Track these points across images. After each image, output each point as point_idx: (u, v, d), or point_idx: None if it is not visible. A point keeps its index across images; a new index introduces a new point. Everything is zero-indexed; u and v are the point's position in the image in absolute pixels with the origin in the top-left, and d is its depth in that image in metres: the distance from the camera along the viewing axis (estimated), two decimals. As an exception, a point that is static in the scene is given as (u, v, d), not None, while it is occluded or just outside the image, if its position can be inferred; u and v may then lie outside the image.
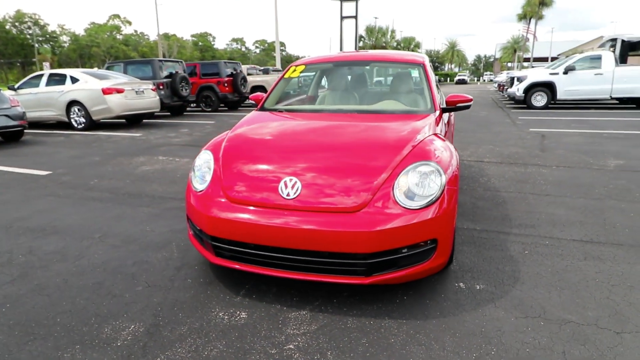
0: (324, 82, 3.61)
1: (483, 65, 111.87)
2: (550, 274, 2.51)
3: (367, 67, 3.60)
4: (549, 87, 12.74)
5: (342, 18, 36.48)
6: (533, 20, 40.96)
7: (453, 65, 78.61)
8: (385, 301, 2.24)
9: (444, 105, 3.20)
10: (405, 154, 2.28)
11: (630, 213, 3.52)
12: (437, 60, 64.11)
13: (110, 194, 4.38)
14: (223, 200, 2.29)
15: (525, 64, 61.34)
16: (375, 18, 62.46)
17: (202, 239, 2.42)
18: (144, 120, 11.50)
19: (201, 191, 2.42)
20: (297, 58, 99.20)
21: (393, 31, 39.16)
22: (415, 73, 3.28)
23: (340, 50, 37.60)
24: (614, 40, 14.21)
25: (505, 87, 17.30)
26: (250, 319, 2.11)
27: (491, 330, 1.99)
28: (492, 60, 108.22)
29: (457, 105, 3.06)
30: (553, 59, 55.63)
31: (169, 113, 13.66)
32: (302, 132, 2.78)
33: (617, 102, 14.01)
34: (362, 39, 38.69)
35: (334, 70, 3.53)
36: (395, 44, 39.98)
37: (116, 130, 9.72)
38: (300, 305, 2.22)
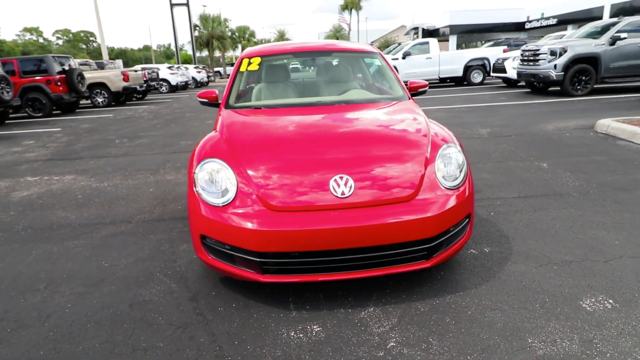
0: (278, 73, 3.42)
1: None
2: (525, 227, 2.98)
3: (329, 57, 3.56)
4: (392, 71, 14.40)
5: (172, 5, 34.24)
6: (354, 11, 45.13)
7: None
8: (424, 283, 2.36)
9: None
10: (430, 140, 2.40)
11: (531, 170, 4.36)
12: (268, 49, 65.61)
13: (1, 232, 3.40)
14: (261, 209, 2.06)
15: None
16: (204, 6, 60.17)
17: (234, 259, 2.14)
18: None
19: (224, 204, 2.13)
20: (114, 50, 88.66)
21: (226, 20, 38.43)
22: (377, 62, 3.40)
23: (175, 39, 35.24)
24: (416, 28, 16.91)
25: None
26: (328, 330, 1.99)
27: (530, 282, 2.30)
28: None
29: (418, 90, 3.30)
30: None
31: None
32: (311, 126, 2.61)
33: (438, 80, 16.64)
34: (197, 28, 36.86)
35: (294, 60, 3.39)
36: (230, 34, 39.31)
37: None
38: (361, 304, 2.18)
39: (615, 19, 10.21)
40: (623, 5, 23.29)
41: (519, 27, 35.59)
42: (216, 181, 2.21)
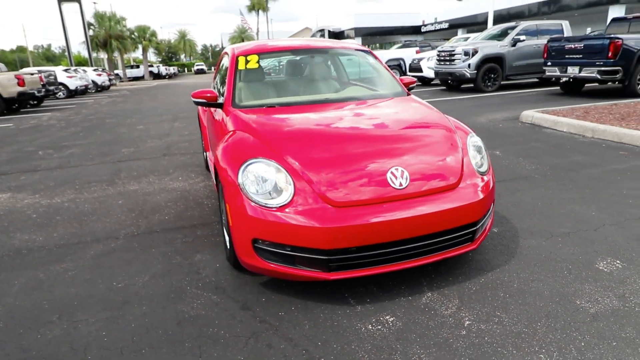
0: (278, 71, 3.34)
1: (211, 55, 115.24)
2: (515, 208, 3.32)
3: (325, 56, 3.52)
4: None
5: (61, 1, 30.83)
6: (261, 12, 44.82)
7: (184, 56, 77.96)
8: (461, 265, 2.53)
9: None
10: (455, 131, 2.56)
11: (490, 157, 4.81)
12: (170, 50, 62.23)
13: (-46, 264, 2.85)
14: (324, 206, 2.04)
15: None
16: (94, 3, 55.03)
17: (293, 260, 2.09)
18: None
19: (282, 205, 2.06)
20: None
21: (123, 18, 35.50)
22: (371, 59, 3.48)
23: (66, 39, 31.66)
24: (322, 30, 17.53)
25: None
26: (401, 319, 2.03)
27: (547, 254, 2.58)
28: (218, 49, 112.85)
29: (409, 86, 3.47)
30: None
31: None
32: (345, 122, 2.60)
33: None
34: (92, 26, 33.50)
35: (293, 58, 3.32)
36: (129, 33, 36.41)
37: None
38: (417, 291, 2.26)
39: (512, 24, 11.61)
40: (500, 12, 26.34)
41: (416, 30, 38.54)
42: (267, 182, 2.13)
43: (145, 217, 3.52)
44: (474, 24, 30.67)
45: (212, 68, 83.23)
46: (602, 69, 8.32)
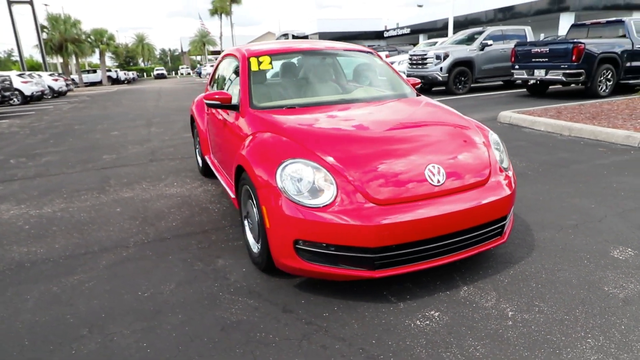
0: (290, 72, 3.31)
1: (170, 59, 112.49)
2: (520, 202, 3.44)
3: (337, 57, 3.51)
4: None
5: (11, 2, 29.14)
6: (224, 16, 44.17)
7: (141, 60, 75.70)
8: (486, 260, 2.60)
9: None
10: (477, 129, 2.64)
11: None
12: (128, 55, 60.15)
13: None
14: (369, 204, 2.05)
15: (213, 57, 66.02)
16: (46, 5, 52.32)
17: (336, 260, 2.08)
18: None
19: (326, 204, 2.06)
20: None
21: (78, 21, 33.86)
22: (378, 61, 3.52)
23: (17, 42, 29.85)
24: (286, 35, 17.44)
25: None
26: (446, 313, 2.07)
27: (563, 245, 2.70)
28: (177, 54, 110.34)
29: (415, 87, 3.54)
30: (238, 51, 62.11)
31: None
32: (375, 122, 2.61)
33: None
34: (45, 29, 31.79)
35: (304, 60, 3.30)
36: (85, 37, 34.80)
37: None
38: (453, 286, 2.31)
39: (479, 29, 12.09)
40: (458, 18, 27.34)
41: (379, 35, 39.31)
42: (308, 182, 2.11)
43: (151, 224, 3.40)
44: (434, 29, 31.69)
45: (173, 73, 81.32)
46: (567, 71, 8.82)
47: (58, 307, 2.28)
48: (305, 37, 43.86)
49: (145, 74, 69.35)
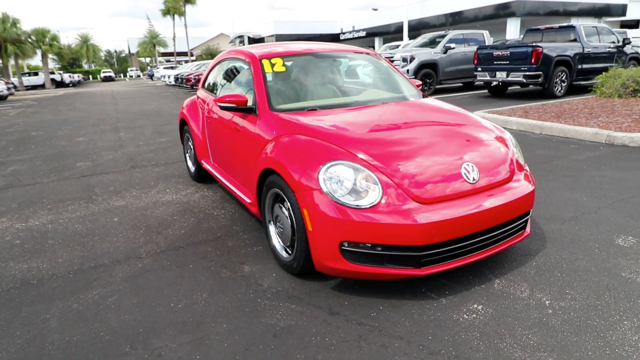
0: (303, 74, 3.28)
1: (116, 61, 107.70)
2: (518, 198, 3.63)
3: (346, 59, 3.50)
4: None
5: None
6: (177, 17, 42.83)
7: (85, 62, 71.97)
8: (506, 253, 2.73)
9: None
10: (494, 128, 2.76)
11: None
12: (71, 57, 56.83)
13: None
14: (414, 203, 2.10)
15: (163, 58, 63.92)
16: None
17: (382, 260, 2.12)
18: None
19: (373, 205, 2.08)
20: None
21: (18, 20, 31.46)
22: (384, 63, 3.57)
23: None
24: (242, 37, 17.53)
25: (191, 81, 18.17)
26: (488, 306, 2.16)
27: (572, 236, 2.89)
28: (124, 55, 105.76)
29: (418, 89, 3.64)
30: (192, 53, 60.65)
31: None
32: (404, 122, 2.66)
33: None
34: (-19, 29, 29.28)
35: (312, 62, 3.28)
36: (25, 37, 32.39)
37: None
38: (485, 280, 2.40)
39: (442, 32, 12.56)
40: (411, 22, 28.23)
41: (334, 38, 39.70)
42: (351, 182, 2.13)
43: (159, 233, 3.26)
44: (388, 32, 32.54)
45: (121, 75, 77.90)
46: (527, 73, 9.37)
47: (86, 325, 2.15)
48: (262, 39, 43.57)
49: (91, 76, 65.95)
